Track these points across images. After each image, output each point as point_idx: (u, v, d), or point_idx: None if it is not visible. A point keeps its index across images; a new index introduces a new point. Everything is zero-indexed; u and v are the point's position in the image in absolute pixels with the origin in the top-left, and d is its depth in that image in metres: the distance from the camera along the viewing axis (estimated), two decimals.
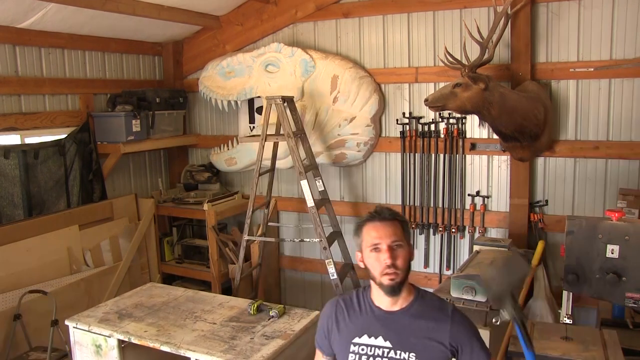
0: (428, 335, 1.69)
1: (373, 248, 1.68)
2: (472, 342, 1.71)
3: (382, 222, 1.70)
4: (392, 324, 1.71)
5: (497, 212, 3.98)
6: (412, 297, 1.75)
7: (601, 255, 2.37)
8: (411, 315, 1.72)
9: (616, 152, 3.57)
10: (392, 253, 1.66)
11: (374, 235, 1.69)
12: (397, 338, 1.69)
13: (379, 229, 1.69)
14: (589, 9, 3.53)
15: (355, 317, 1.77)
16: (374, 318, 1.74)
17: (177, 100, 4.81)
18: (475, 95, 3.26)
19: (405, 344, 1.69)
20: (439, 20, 3.98)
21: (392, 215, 1.73)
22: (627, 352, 2.34)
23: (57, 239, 3.89)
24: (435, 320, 1.71)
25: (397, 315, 1.72)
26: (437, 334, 1.69)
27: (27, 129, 3.88)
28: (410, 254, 1.74)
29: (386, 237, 1.67)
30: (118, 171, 4.63)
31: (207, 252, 4.57)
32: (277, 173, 4.46)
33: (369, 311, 1.76)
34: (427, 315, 1.72)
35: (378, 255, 1.67)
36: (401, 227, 1.72)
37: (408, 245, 1.72)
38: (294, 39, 4.51)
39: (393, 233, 1.68)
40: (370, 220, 1.73)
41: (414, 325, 1.70)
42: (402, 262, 1.68)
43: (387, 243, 1.66)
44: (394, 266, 1.66)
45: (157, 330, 2.80)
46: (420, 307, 1.73)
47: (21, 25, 3.69)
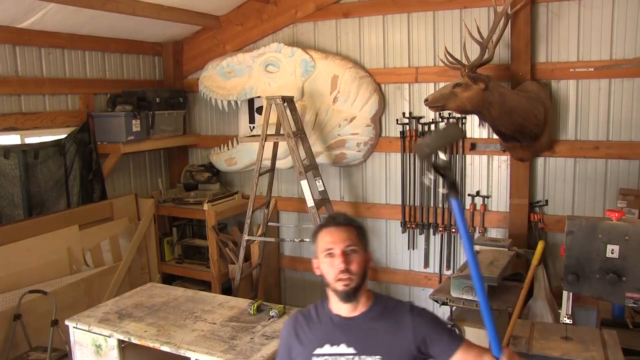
0: (391, 335, 1.67)
1: (327, 253, 1.67)
2: (438, 332, 1.70)
3: (336, 228, 1.69)
4: (353, 330, 1.69)
5: (497, 212, 3.98)
6: (371, 301, 1.74)
7: (601, 255, 2.36)
8: (371, 319, 1.71)
9: (616, 152, 3.57)
10: (345, 258, 1.65)
11: (327, 240, 1.68)
12: (360, 343, 1.67)
13: (333, 234, 1.68)
14: (589, 9, 3.53)
15: (315, 328, 1.74)
16: (334, 326, 1.72)
17: (177, 100, 4.81)
18: (475, 95, 3.26)
19: (369, 347, 1.66)
20: (439, 20, 3.98)
21: (347, 220, 1.72)
22: (627, 352, 2.34)
23: (57, 239, 3.89)
24: (396, 319, 1.70)
25: (357, 320, 1.71)
26: (400, 332, 1.67)
27: (27, 129, 3.88)
28: (367, 259, 1.72)
29: (340, 242, 1.66)
30: (118, 171, 4.63)
31: (207, 252, 4.57)
32: (277, 173, 4.46)
33: (328, 320, 1.74)
34: (387, 315, 1.71)
35: (332, 260, 1.66)
36: (356, 232, 1.71)
37: (364, 251, 1.71)
38: (294, 39, 4.51)
39: (347, 238, 1.67)
40: (325, 226, 1.72)
41: (376, 328, 1.69)
42: (357, 267, 1.66)
43: (341, 248, 1.65)
44: (347, 271, 1.64)
45: (157, 330, 2.80)
46: (379, 310, 1.72)
47: (21, 25, 3.69)
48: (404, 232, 4.30)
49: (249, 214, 4.04)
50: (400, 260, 4.38)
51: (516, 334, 2.37)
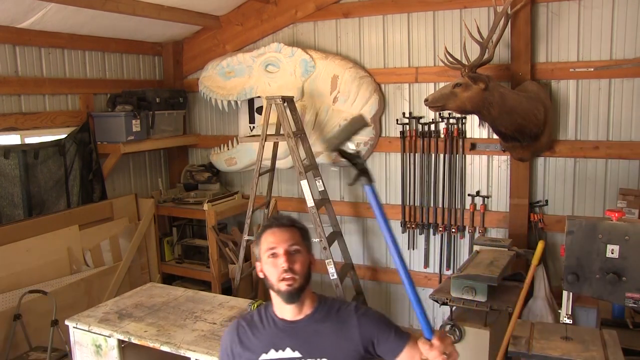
0: (337, 336, 1.66)
1: (270, 254, 1.66)
2: (385, 330, 1.69)
3: (279, 228, 1.69)
4: (298, 333, 1.68)
5: (497, 212, 3.98)
6: (315, 303, 1.73)
7: (601, 255, 2.36)
8: (316, 321, 1.69)
9: (616, 152, 3.57)
10: (289, 257, 1.64)
11: (271, 240, 1.67)
12: (305, 346, 1.66)
13: (276, 234, 1.67)
14: (589, 9, 3.53)
15: (259, 334, 1.72)
16: (279, 330, 1.70)
17: (177, 100, 4.81)
18: (475, 95, 3.26)
19: (315, 350, 1.65)
20: (439, 20, 3.98)
21: (290, 221, 1.72)
22: (627, 352, 2.35)
23: (57, 239, 3.89)
24: (342, 320, 1.69)
25: (301, 323, 1.69)
26: (346, 332, 1.67)
27: (27, 129, 3.88)
28: (310, 262, 1.72)
29: (283, 242, 1.65)
30: (118, 171, 4.64)
31: (207, 252, 4.57)
32: (277, 173, 4.46)
33: (273, 325, 1.72)
34: (332, 317, 1.70)
35: (275, 260, 1.65)
36: (300, 234, 1.71)
37: (307, 253, 1.71)
38: (294, 39, 4.51)
39: (290, 238, 1.67)
40: (268, 227, 1.71)
41: (321, 330, 1.68)
42: (300, 267, 1.65)
43: (284, 248, 1.65)
44: (291, 270, 1.63)
45: (157, 330, 2.80)
46: (324, 311, 1.72)
47: (21, 25, 3.69)
48: (404, 232, 4.30)
49: (249, 214, 4.04)
50: None
51: (516, 334, 2.37)
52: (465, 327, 3.01)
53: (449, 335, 2.84)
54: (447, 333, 2.91)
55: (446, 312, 3.28)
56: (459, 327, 3.00)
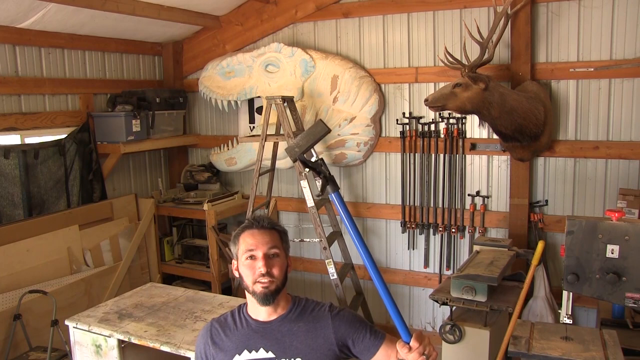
0: (311, 336, 1.66)
1: (249, 256, 1.65)
2: (360, 330, 1.68)
3: (259, 230, 1.67)
4: (272, 334, 1.67)
5: (497, 212, 3.98)
6: (289, 304, 1.73)
7: (601, 255, 2.36)
8: (290, 321, 1.69)
9: (616, 152, 3.57)
10: (267, 261, 1.63)
11: (250, 242, 1.65)
12: (279, 347, 1.65)
13: (256, 236, 1.66)
14: (589, 9, 3.53)
15: (233, 335, 1.70)
16: (252, 331, 1.69)
17: (177, 100, 4.81)
18: (475, 95, 3.26)
19: (288, 350, 1.64)
20: (439, 20, 3.98)
21: (270, 224, 1.70)
22: (627, 352, 2.34)
23: (57, 239, 3.89)
24: (315, 319, 1.68)
25: (275, 323, 1.69)
26: (320, 332, 1.66)
27: (27, 129, 3.88)
28: (288, 264, 1.72)
29: (263, 245, 1.64)
30: (118, 171, 4.64)
31: (207, 252, 4.57)
32: (277, 173, 4.46)
33: (246, 325, 1.70)
34: (306, 317, 1.69)
35: (253, 262, 1.64)
36: (279, 236, 1.70)
37: (285, 256, 1.71)
38: (294, 39, 4.51)
39: (270, 241, 1.66)
40: (248, 227, 1.69)
41: (295, 330, 1.67)
42: (278, 271, 1.65)
43: (263, 251, 1.64)
44: (268, 274, 1.63)
45: (157, 330, 2.80)
46: (298, 311, 1.71)
47: (21, 25, 3.69)
48: (404, 232, 4.30)
49: (249, 214, 4.03)
50: (400, 260, 4.38)
51: (516, 334, 2.37)
52: (465, 327, 3.01)
53: (448, 336, 2.85)
54: (446, 334, 2.92)
55: (446, 312, 3.28)
56: (459, 327, 3.00)
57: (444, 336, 3.04)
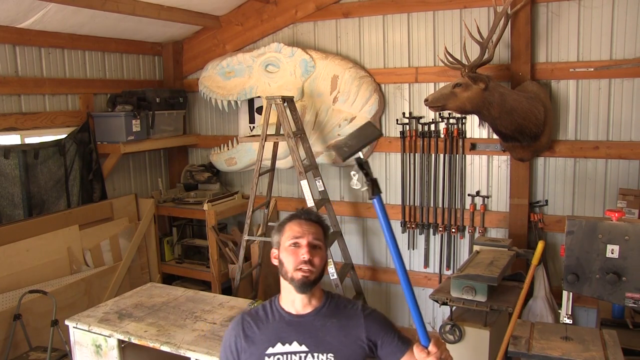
0: (343, 332, 1.68)
1: (293, 243, 1.69)
2: (390, 333, 1.72)
3: (306, 221, 1.73)
4: (305, 327, 1.69)
5: (497, 212, 3.98)
6: (323, 299, 1.76)
7: (601, 255, 2.36)
8: (323, 316, 1.72)
9: (616, 152, 3.57)
10: (310, 250, 1.68)
11: (297, 230, 1.70)
12: (312, 340, 1.67)
13: (302, 225, 1.71)
14: (589, 9, 3.53)
15: (266, 328, 1.72)
16: (285, 324, 1.71)
17: (177, 100, 4.81)
18: (475, 95, 3.27)
19: (321, 345, 1.67)
20: (439, 20, 3.98)
21: (317, 218, 1.77)
22: (627, 352, 2.34)
23: (57, 239, 3.89)
24: (348, 317, 1.72)
25: (309, 317, 1.71)
26: (353, 330, 1.69)
27: (27, 129, 3.88)
28: (326, 260, 1.77)
29: (308, 234, 1.69)
30: (118, 171, 4.64)
31: (207, 252, 4.57)
32: (277, 173, 4.46)
33: (279, 318, 1.73)
34: (339, 313, 1.73)
35: (297, 250, 1.68)
36: (322, 231, 1.75)
37: (325, 251, 1.75)
38: (294, 39, 4.51)
39: (315, 232, 1.71)
40: (296, 217, 1.75)
41: (328, 325, 1.70)
42: (319, 261, 1.70)
43: (308, 239, 1.69)
44: (310, 263, 1.66)
45: (157, 330, 2.80)
46: (331, 307, 1.74)
47: (21, 25, 3.69)
48: (404, 232, 4.30)
49: (249, 214, 4.04)
50: None
51: (516, 334, 2.37)
52: (465, 327, 3.01)
53: (448, 336, 2.86)
54: (446, 334, 2.92)
55: (446, 312, 3.28)
56: (459, 327, 3.00)
57: (444, 336, 3.04)
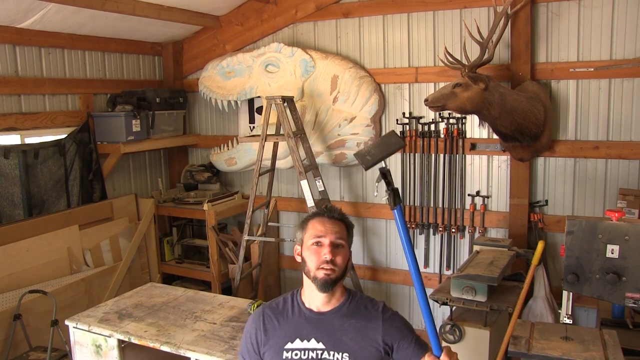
0: (361, 334, 1.69)
1: (315, 242, 1.69)
2: (408, 338, 1.72)
3: (329, 219, 1.73)
4: (324, 325, 1.71)
5: (497, 212, 3.98)
6: (344, 297, 1.76)
7: (601, 255, 2.36)
8: (343, 315, 1.72)
9: (616, 152, 3.57)
10: (333, 250, 1.68)
11: (319, 229, 1.70)
12: (329, 339, 1.68)
13: (325, 224, 1.71)
14: (589, 9, 3.53)
15: (286, 322, 1.74)
16: (305, 320, 1.72)
17: (177, 100, 4.81)
18: (475, 95, 3.27)
19: (338, 344, 1.68)
20: (439, 20, 3.98)
21: (340, 215, 1.76)
22: (627, 352, 2.34)
23: (57, 239, 3.89)
24: (367, 319, 1.72)
25: (328, 316, 1.72)
26: (370, 332, 1.69)
27: (27, 129, 3.88)
28: (349, 258, 1.76)
29: (331, 234, 1.69)
30: (118, 171, 4.64)
31: (207, 252, 4.57)
32: (277, 173, 4.46)
33: (300, 314, 1.74)
34: (359, 314, 1.73)
35: (319, 249, 1.68)
36: (346, 229, 1.75)
37: (349, 249, 1.75)
38: (294, 39, 4.51)
39: (338, 231, 1.71)
40: (319, 215, 1.75)
41: (346, 325, 1.70)
42: (341, 260, 1.70)
43: (331, 239, 1.68)
44: (332, 262, 1.66)
45: (157, 330, 2.80)
46: (352, 307, 1.74)
47: (21, 25, 3.69)
48: None
49: (249, 214, 4.04)
50: (401, 260, 4.38)
51: (516, 334, 2.37)
52: (465, 327, 3.01)
53: (448, 336, 2.87)
54: (446, 334, 2.92)
55: (446, 312, 3.28)
56: (459, 327, 3.00)
57: (444, 336, 3.04)
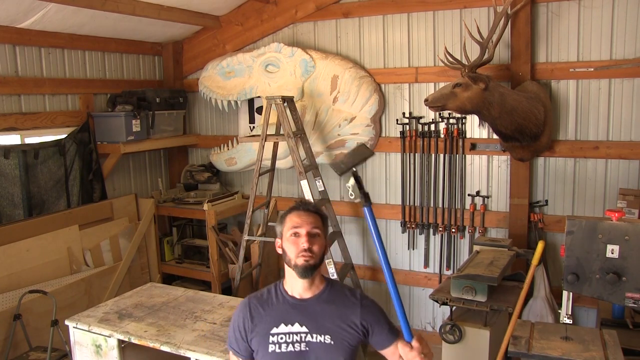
0: (340, 318, 1.83)
1: (293, 233, 1.82)
2: (382, 323, 1.87)
3: (305, 212, 1.86)
4: (307, 311, 1.84)
5: (497, 212, 3.98)
6: (323, 285, 1.90)
7: (601, 255, 2.36)
8: (323, 301, 1.86)
9: (616, 152, 3.57)
10: (310, 239, 1.81)
11: (296, 220, 1.84)
12: (312, 323, 1.82)
13: (301, 216, 1.85)
14: (589, 9, 3.53)
15: (271, 310, 1.87)
16: (289, 307, 1.85)
17: (177, 100, 4.81)
18: (475, 95, 3.26)
19: (320, 327, 1.81)
20: (439, 20, 3.98)
21: (315, 208, 1.91)
22: (627, 352, 2.34)
23: (57, 239, 3.89)
24: (346, 305, 1.86)
25: (310, 302, 1.86)
26: (349, 316, 1.84)
27: (27, 129, 3.88)
28: (326, 246, 1.90)
29: (307, 224, 1.82)
30: (118, 171, 4.64)
31: (207, 252, 4.57)
32: (277, 173, 4.46)
33: (284, 301, 1.88)
34: (338, 300, 1.87)
35: (297, 239, 1.81)
36: (321, 220, 1.88)
37: (324, 238, 1.88)
38: (294, 39, 4.51)
39: (314, 222, 1.84)
40: (295, 209, 1.89)
41: (327, 310, 1.84)
42: (318, 248, 1.83)
43: (307, 229, 1.81)
44: (310, 250, 1.79)
45: (157, 330, 2.80)
46: (332, 294, 1.88)
47: (21, 25, 3.69)
48: (404, 232, 4.30)
49: (249, 214, 4.04)
50: (401, 260, 4.38)
51: (516, 334, 2.37)
52: (465, 327, 3.01)
53: (448, 336, 2.87)
54: (446, 334, 2.92)
55: (446, 312, 3.28)
56: (459, 327, 3.00)
57: (444, 336, 3.04)
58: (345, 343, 1.81)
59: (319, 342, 1.79)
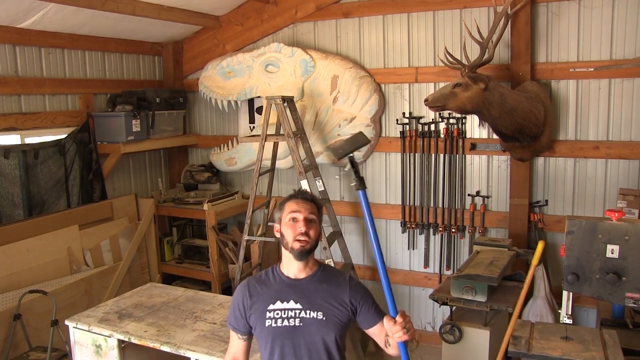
0: (332, 296, 1.98)
1: (292, 218, 1.96)
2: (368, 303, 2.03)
3: (303, 200, 2.01)
4: (301, 289, 1.99)
5: (497, 212, 3.98)
6: (317, 267, 2.05)
7: (601, 255, 2.36)
8: (316, 281, 2.01)
9: (616, 152, 3.57)
10: (306, 224, 1.95)
11: (294, 207, 1.98)
12: (306, 300, 1.97)
13: (299, 203, 1.99)
14: (589, 9, 3.53)
15: (268, 289, 2.02)
16: (285, 285, 2.00)
17: (177, 100, 4.81)
18: (475, 95, 3.26)
19: (313, 305, 1.96)
20: (439, 20, 3.98)
21: (311, 197, 2.05)
22: (627, 352, 2.35)
23: (57, 239, 3.89)
24: (337, 284, 2.02)
25: (304, 281, 2.01)
26: (339, 295, 1.99)
27: (27, 129, 3.88)
28: (320, 232, 2.05)
29: (304, 211, 1.97)
30: (118, 171, 4.64)
31: (207, 252, 4.57)
32: (277, 173, 4.46)
33: (280, 281, 2.03)
34: (330, 280, 2.03)
35: (295, 224, 1.96)
36: (317, 208, 2.03)
37: (319, 224, 2.03)
38: (294, 39, 4.51)
39: (310, 209, 1.99)
40: (293, 197, 2.03)
41: (320, 289, 1.99)
42: (313, 234, 1.97)
43: (304, 215, 1.96)
44: (306, 234, 1.94)
45: (157, 330, 2.80)
46: (323, 275, 2.04)
47: (21, 25, 3.69)
48: (404, 232, 4.30)
49: (249, 214, 4.03)
50: (401, 260, 4.38)
51: (516, 334, 2.37)
52: (465, 327, 3.01)
53: (448, 336, 2.90)
54: (446, 334, 2.92)
55: (446, 312, 3.28)
56: (459, 327, 3.00)
57: (444, 336, 3.04)
58: (335, 319, 1.95)
59: (312, 318, 1.94)
